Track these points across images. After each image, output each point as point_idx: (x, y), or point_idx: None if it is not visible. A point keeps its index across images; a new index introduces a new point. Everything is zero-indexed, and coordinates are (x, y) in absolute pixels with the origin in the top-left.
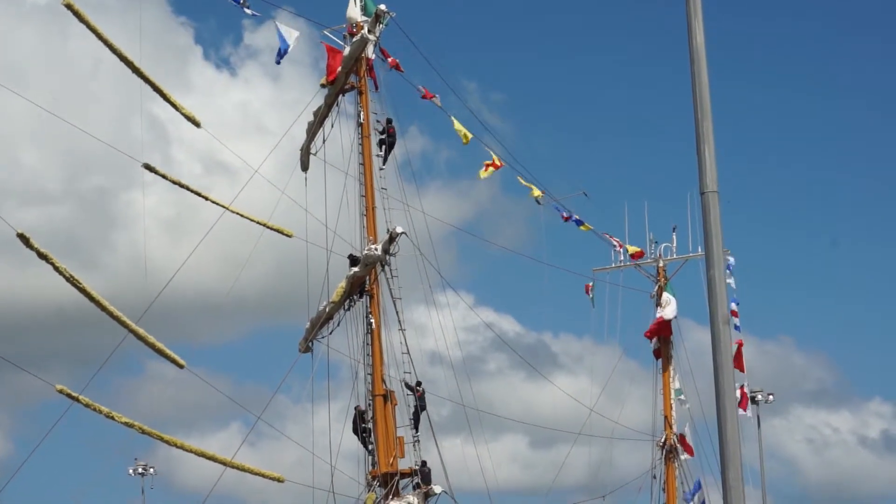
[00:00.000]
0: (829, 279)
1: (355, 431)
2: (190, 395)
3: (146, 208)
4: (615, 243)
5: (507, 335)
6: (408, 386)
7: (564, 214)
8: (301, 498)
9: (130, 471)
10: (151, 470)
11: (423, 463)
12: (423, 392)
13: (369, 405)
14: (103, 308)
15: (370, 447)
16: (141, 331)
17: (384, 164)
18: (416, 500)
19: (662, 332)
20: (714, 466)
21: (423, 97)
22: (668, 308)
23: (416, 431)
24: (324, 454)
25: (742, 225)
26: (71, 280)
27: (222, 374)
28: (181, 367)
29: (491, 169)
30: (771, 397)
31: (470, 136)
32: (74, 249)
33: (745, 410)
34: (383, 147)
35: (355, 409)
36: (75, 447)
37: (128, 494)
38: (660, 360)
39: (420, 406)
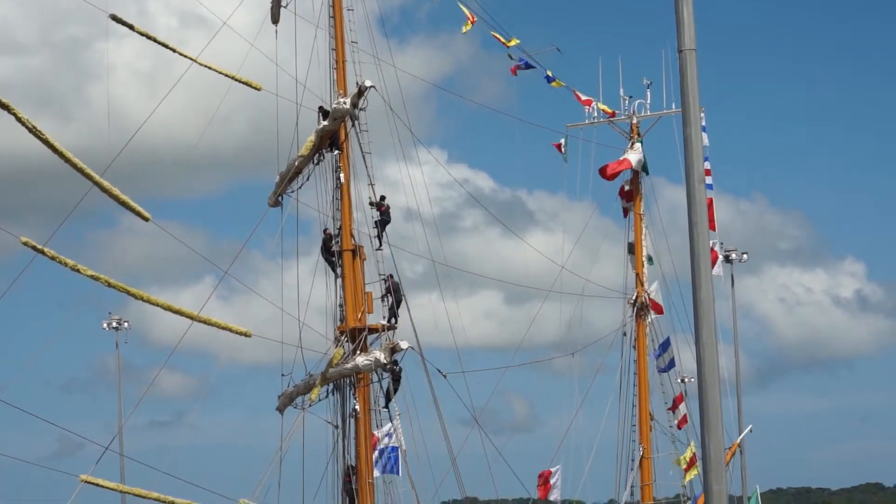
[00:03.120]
0: (804, 137)
1: (324, 254)
2: (164, 249)
3: (120, 61)
4: (584, 99)
5: (482, 192)
6: (371, 204)
7: (527, 63)
8: (271, 353)
9: (104, 325)
10: (125, 324)
11: (390, 276)
12: (388, 207)
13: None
14: (67, 160)
15: (338, 270)
16: (105, 183)
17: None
18: (382, 356)
19: (625, 177)
20: (685, 324)
21: None
22: (633, 154)
23: (380, 246)
24: (293, 309)
25: (716, 81)
26: (33, 131)
27: (197, 229)
28: (146, 219)
29: (470, 24)
30: (745, 256)
31: None
32: (48, 102)
33: (714, 269)
34: None
35: (324, 231)
36: (49, 303)
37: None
38: (628, 217)
39: (384, 221)
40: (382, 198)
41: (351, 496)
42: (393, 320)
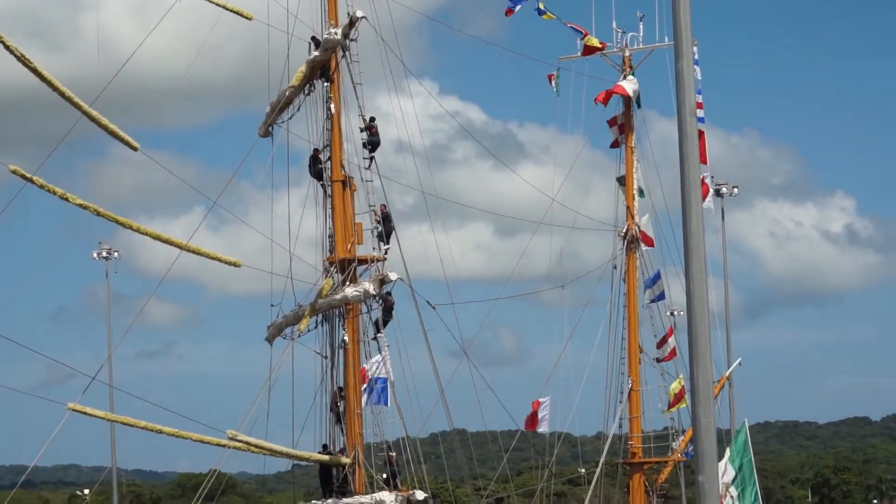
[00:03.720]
0: (796, 71)
1: (311, 170)
2: (154, 179)
3: None
4: (579, 31)
5: (473, 124)
6: (361, 128)
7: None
8: (260, 284)
9: (94, 255)
10: (115, 254)
11: (383, 206)
12: (377, 129)
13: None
14: (55, 89)
15: (328, 190)
16: (94, 112)
17: None
18: (371, 287)
19: (617, 109)
20: (675, 257)
21: None
22: (629, 83)
23: (370, 165)
24: (283, 240)
25: (709, 15)
26: (22, 59)
27: (187, 159)
28: (135, 149)
29: None
30: (736, 190)
31: None
32: (39, 32)
33: (704, 203)
34: None
35: (314, 150)
36: (40, 232)
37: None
38: (619, 149)
39: (375, 142)
40: (372, 119)
41: (338, 419)
42: (384, 246)
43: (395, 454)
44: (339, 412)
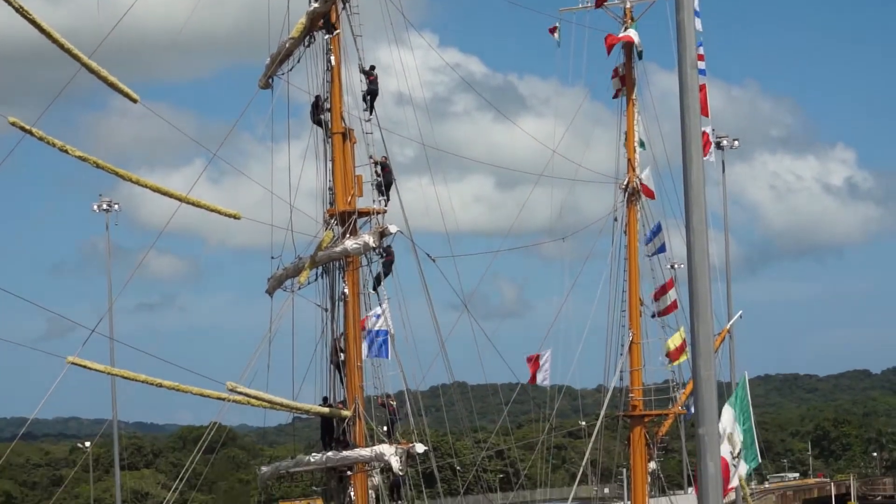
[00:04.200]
0: (797, 23)
1: (312, 117)
2: (154, 131)
3: None
4: None
5: (474, 76)
6: (361, 70)
7: None
8: (260, 236)
9: (95, 207)
10: (115, 206)
11: (385, 157)
12: (377, 77)
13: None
14: (54, 41)
15: (328, 129)
16: (93, 64)
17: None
18: (371, 240)
19: (618, 60)
20: (676, 210)
21: None
22: (633, 31)
23: (370, 116)
24: (283, 192)
25: None
26: (20, 10)
27: (187, 111)
28: (135, 101)
29: None
30: (736, 143)
31: None
32: None
33: (706, 155)
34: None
35: (315, 97)
36: (40, 185)
37: (92, 230)
38: (618, 98)
39: (374, 91)
40: (372, 67)
41: (339, 368)
42: (384, 199)
43: (394, 402)
44: (338, 362)
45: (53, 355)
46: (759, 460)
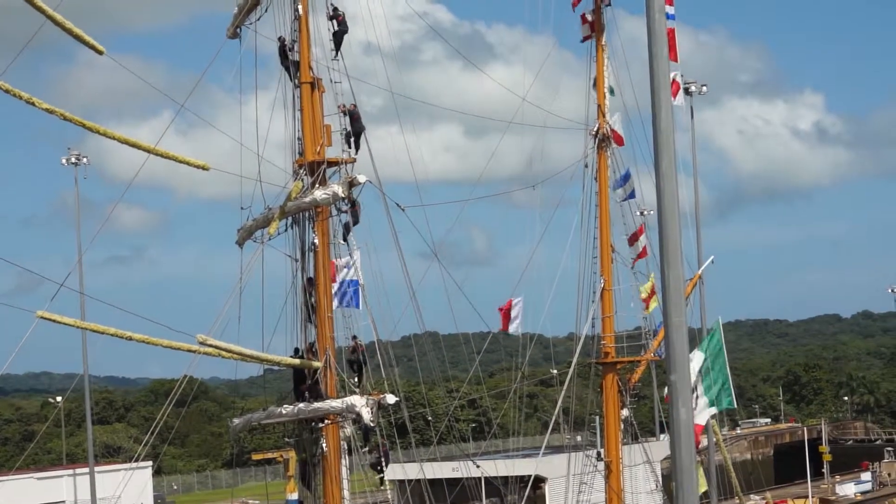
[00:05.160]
0: None
1: (282, 62)
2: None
3: None
4: None
5: (442, 25)
6: (329, 17)
7: None
8: (229, 188)
9: (63, 161)
10: (84, 160)
11: (354, 105)
12: (344, 17)
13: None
14: None
15: (295, 81)
16: (57, 16)
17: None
18: (340, 189)
19: (587, 6)
20: (646, 157)
21: None
22: None
23: (336, 56)
24: (252, 143)
25: None
26: None
27: (155, 63)
28: (101, 53)
29: None
30: (704, 89)
31: None
32: None
33: (674, 99)
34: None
35: (279, 38)
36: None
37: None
38: (587, 42)
39: (342, 31)
40: (335, 8)
41: (308, 309)
42: (353, 149)
43: (361, 342)
44: (308, 301)
45: (23, 310)
46: (735, 404)
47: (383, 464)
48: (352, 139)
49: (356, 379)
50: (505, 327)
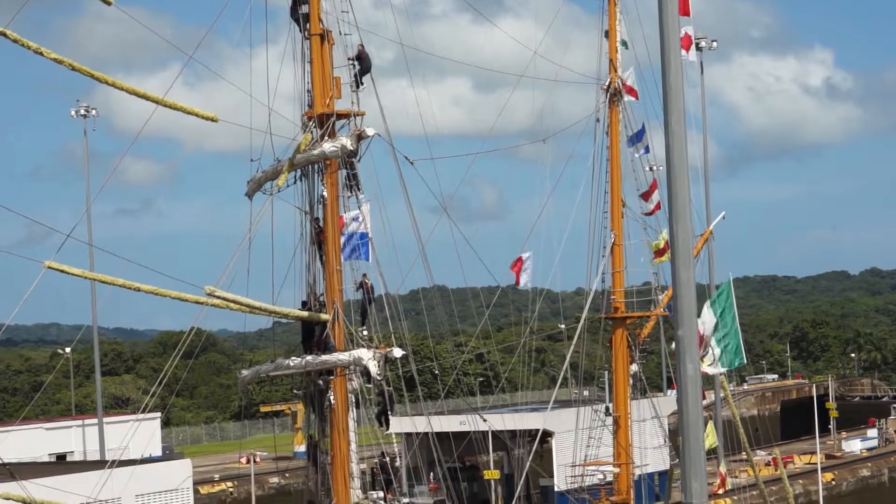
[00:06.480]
0: None
1: (292, 13)
2: (130, 35)
3: None
4: None
5: None
6: None
7: None
8: (238, 141)
9: (72, 112)
10: (93, 111)
11: (361, 45)
12: None
13: None
14: None
15: (305, 33)
16: None
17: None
18: (349, 142)
19: None
20: (658, 111)
21: None
22: None
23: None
24: (262, 96)
25: None
26: None
27: (164, 14)
28: (109, 3)
29: None
30: (715, 44)
31: None
32: None
33: (687, 54)
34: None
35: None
36: (17, 90)
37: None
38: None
39: None
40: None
41: (319, 246)
42: (361, 86)
43: (369, 281)
44: (318, 242)
45: (31, 259)
46: (745, 360)
47: (387, 408)
48: (359, 79)
49: (360, 317)
50: (516, 282)
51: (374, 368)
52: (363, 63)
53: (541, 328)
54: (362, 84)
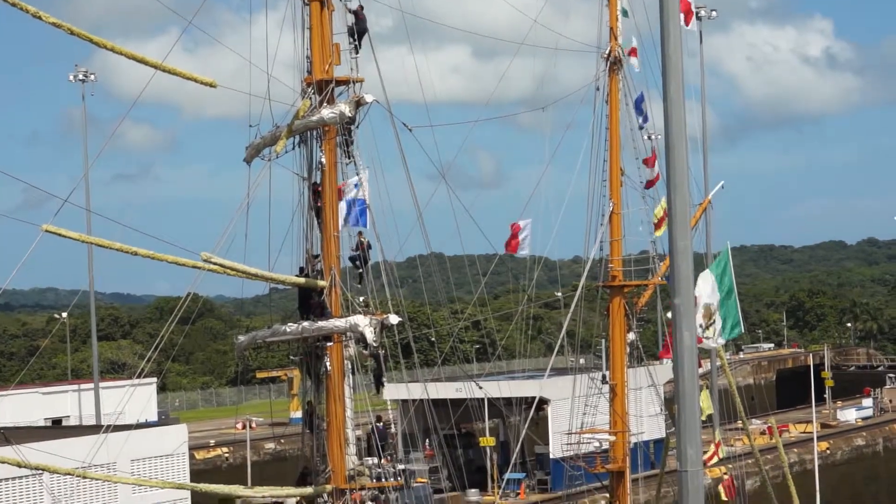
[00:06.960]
0: None
1: None
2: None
3: None
4: None
5: None
6: None
7: None
8: (236, 107)
9: (71, 77)
10: (92, 76)
11: (360, 9)
12: None
13: None
14: None
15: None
16: None
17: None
18: (347, 109)
19: None
20: (658, 80)
21: None
22: None
23: None
24: (261, 62)
25: None
26: None
27: None
28: None
29: None
30: (714, 13)
31: None
32: None
33: (688, 25)
34: None
35: None
36: (15, 54)
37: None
38: None
39: None
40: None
41: (317, 212)
42: (357, 45)
43: (366, 238)
44: (316, 208)
45: (29, 223)
46: (742, 329)
47: (382, 373)
48: (356, 40)
49: (357, 272)
50: (513, 249)
51: (370, 335)
52: (360, 23)
53: (538, 296)
54: (358, 45)
